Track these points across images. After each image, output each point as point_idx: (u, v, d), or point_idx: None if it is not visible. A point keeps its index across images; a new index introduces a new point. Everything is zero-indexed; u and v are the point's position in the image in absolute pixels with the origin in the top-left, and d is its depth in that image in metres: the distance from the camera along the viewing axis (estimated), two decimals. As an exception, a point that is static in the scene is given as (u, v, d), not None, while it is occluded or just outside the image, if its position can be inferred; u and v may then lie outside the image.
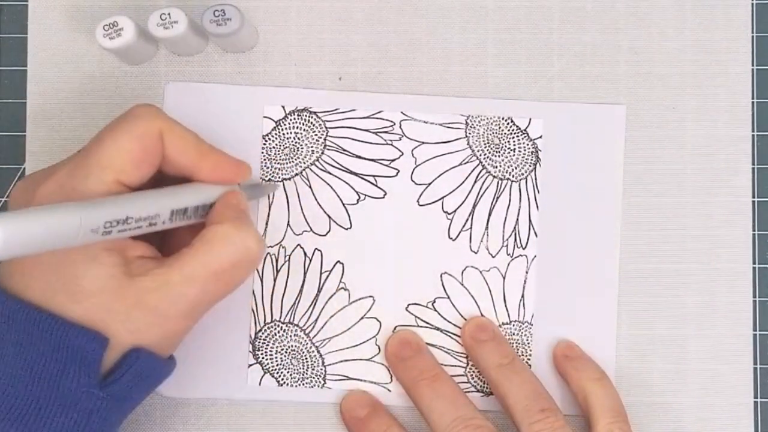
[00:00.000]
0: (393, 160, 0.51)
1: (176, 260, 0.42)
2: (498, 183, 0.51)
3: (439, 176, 0.51)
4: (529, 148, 0.51)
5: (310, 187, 0.51)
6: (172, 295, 0.42)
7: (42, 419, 0.41)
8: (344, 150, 0.51)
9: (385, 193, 0.51)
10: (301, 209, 0.51)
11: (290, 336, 0.51)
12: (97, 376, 0.42)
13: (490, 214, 0.51)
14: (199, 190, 0.45)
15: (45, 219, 0.37)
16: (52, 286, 0.41)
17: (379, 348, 0.51)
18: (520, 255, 0.51)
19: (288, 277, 0.51)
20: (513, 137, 0.51)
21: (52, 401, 0.41)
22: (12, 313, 0.41)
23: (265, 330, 0.51)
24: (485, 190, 0.51)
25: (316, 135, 0.51)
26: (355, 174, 0.51)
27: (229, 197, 0.45)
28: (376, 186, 0.51)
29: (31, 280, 0.42)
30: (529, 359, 0.51)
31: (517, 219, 0.51)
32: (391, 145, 0.51)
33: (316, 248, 0.51)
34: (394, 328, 0.51)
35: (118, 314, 0.42)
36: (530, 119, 0.51)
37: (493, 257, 0.51)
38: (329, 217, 0.51)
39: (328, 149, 0.51)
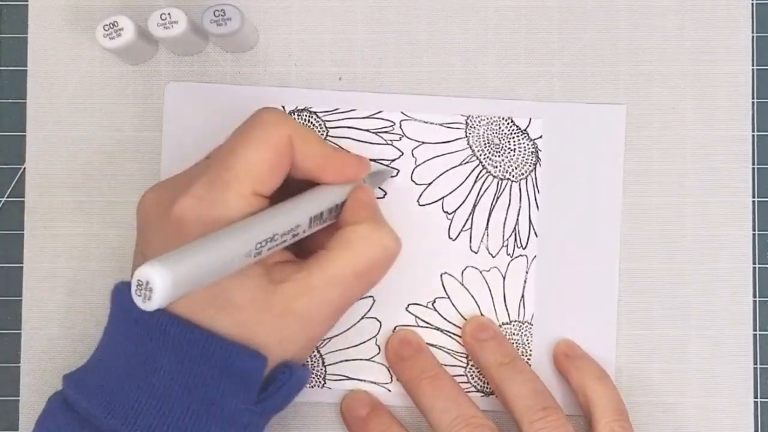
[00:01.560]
0: (393, 160, 0.51)
1: (316, 263, 0.43)
2: (498, 183, 0.51)
3: (439, 176, 0.51)
4: (529, 148, 0.51)
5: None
6: (316, 298, 0.42)
7: None
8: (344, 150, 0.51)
9: (385, 193, 0.51)
10: (301, 209, 0.51)
11: (290, 336, 0.51)
12: (255, 394, 0.42)
13: (490, 214, 0.51)
14: (330, 191, 0.45)
15: (203, 256, 0.37)
16: (200, 300, 0.41)
17: (379, 348, 0.51)
18: (520, 255, 0.51)
19: (288, 277, 0.51)
20: (513, 137, 0.51)
21: (211, 418, 0.41)
22: (167, 327, 0.41)
23: (265, 330, 0.51)
24: (485, 190, 0.51)
25: (316, 135, 0.51)
26: (355, 174, 0.51)
27: (360, 194, 0.46)
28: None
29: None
30: (529, 359, 0.51)
31: (517, 219, 0.51)
32: (391, 145, 0.51)
33: (316, 248, 0.51)
34: (394, 328, 0.51)
35: (267, 325, 0.42)
36: (530, 119, 0.51)
37: (493, 257, 0.51)
38: (329, 217, 0.51)
39: (328, 149, 0.51)
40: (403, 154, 0.51)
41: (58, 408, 0.42)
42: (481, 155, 0.51)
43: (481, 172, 0.51)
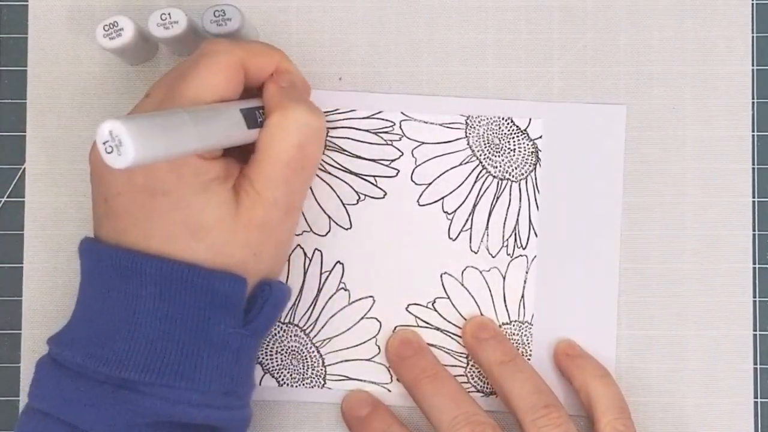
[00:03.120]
0: (393, 160, 0.51)
1: (251, 169, 0.44)
2: (498, 183, 0.51)
3: (439, 176, 0.51)
4: (529, 148, 0.51)
5: (310, 187, 0.51)
6: (266, 203, 0.43)
7: (197, 366, 0.42)
8: (344, 150, 0.51)
9: (385, 193, 0.51)
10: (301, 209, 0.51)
11: (290, 336, 0.51)
12: (241, 316, 0.43)
13: (490, 214, 0.51)
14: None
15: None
16: (173, 231, 0.42)
17: (379, 348, 0.51)
18: (520, 255, 0.51)
19: (288, 277, 0.51)
20: (513, 137, 0.51)
21: (204, 347, 0.42)
22: (143, 266, 0.42)
23: (265, 330, 0.51)
24: (485, 190, 0.51)
25: (316, 135, 0.51)
26: (355, 174, 0.51)
27: (268, 87, 0.46)
28: (376, 186, 0.51)
29: (151, 229, 0.42)
30: (529, 359, 0.51)
31: (517, 219, 0.51)
32: (391, 145, 0.51)
33: (316, 248, 0.51)
34: (394, 328, 0.51)
35: (239, 240, 0.43)
36: (530, 119, 0.51)
37: (493, 257, 0.51)
38: (329, 217, 0.51)
39: (328, 149, 0.51)
40: (403, 154, 0.51)
41: (48, 370, 0.43)
42: (481, 155, 0.51)
43: (481, 172, 0.51)
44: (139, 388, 0.41)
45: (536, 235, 0.51)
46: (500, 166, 0.51)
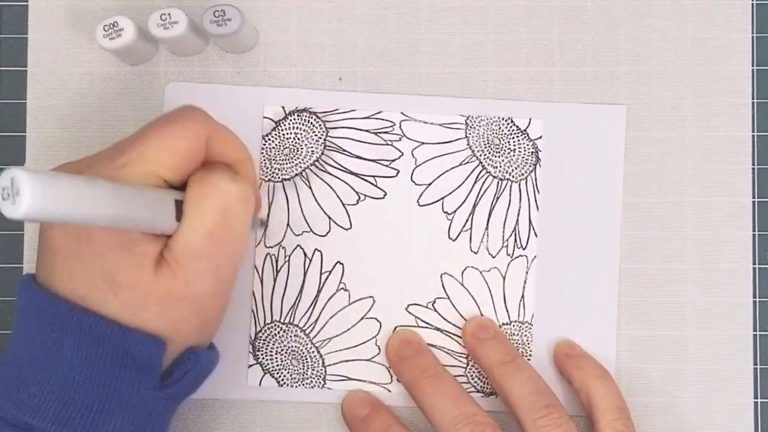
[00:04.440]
0: (393, 161, 0.51)
1: (174, 239, 0.42)
2: (498, 183, 0.51)
3: (439, 176, 0.51)
4: (529, 149, 0.51)
5: (309, 187, 0.51)
6: (188, 276, 0.42)
7: (107, 423, 0.41)
8: (344, 150, 0.51)
9: (385, 194, 0.51)
10: (301, 210, 0.51)
11: (290, 336, 0.51)
12: (156, 379, 0.42)
13: (490, 215, 0.51)
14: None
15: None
16: (93, 278, 0.41)
17: (379, 348, 0.51)
18: (520, 255, 0.51)
19: (288, 277, 0.51)
20: (513, 137, 0.51)
21: (114, 405, 0.41)
22: (64, 315, 0.41)
23: (265, 330, 0.51)
24: (485, 191, 0.51)
25: (316, 135, 0.51)
26: (355, 174, 0.51)
27: (193, 175, 0.44)
28: (376, 186, 0.51)
29: (75, 271, 0.41)
30: (529, 359, 0.51)
31: (517, 219, 0.51)
32: (391, 145, 0.51)
33: (316, 249, 0.51)
34: (394, 329, 0.51)
35: (153, 307, 0.41)
36: (530, 119, 0.51)
37: (493, 257, 0.51)
38: (329, 217, 0.51)
39: (328, 149, 0.51)
40: (403, 154, 0.51)
41: None
42: (481, 155, 0.51)
43: (481, 172, 0.51)
44: None
45: (536, 236, 0.51)
46: (500, 167, 0.51)
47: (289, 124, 0.51)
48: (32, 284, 0.43)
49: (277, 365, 0.51)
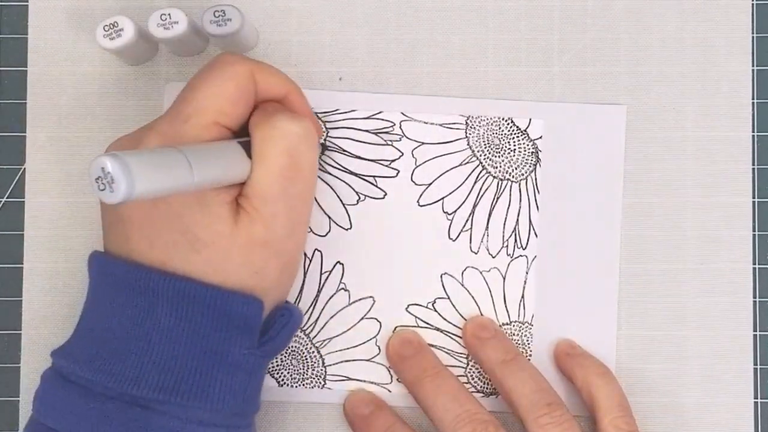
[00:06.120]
0: (393, 161, 0.51)
1: (247, 186, 0.43)
2: (498, 183, 0.51)
3: (439, 177, 0.51)
4: (529, 149, 0.51)
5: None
6: (266, 219, 0.43)
7: (212, 386, 0.42)
8: (344, 150, 0.51)
9: (385, 194, 0.51)
10: (301, 210, 0.51)
11: (290, 336, 0.51)
12: (256, 338, 0.43)
13: (490, 215, 0.51)
14: None
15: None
16: (173, 240, 0.42)
17: (379, 348, 0.51)
18: (520, 255, 0.51)
19: (288, 277, 0.51)
20: (513, 137, 0.51)
21: (218, 368, 0.42)
22: (157, 283, 0.41)
23: (266, 330, 0.51)
24: (485, 191, 0.51)
25: (316, 135, 0.51)
26: (355, 174, 0.51)
27: (255, 110, 0.45)
28: (376, 186, 0.51)
29: (153, 237, 0.42)
30: (529, 359, 0.51)
31: (517, 219, 0.51)
32: (391, 145, 0.51)
33: (316, 249, 0.51)
34: (394, 329, 0.51)
35: (237, 257, 0.42)
36: (530, 119, 0.51)
37: (493, 257, 0.51)
38: (329, 217, 0.51)
39: (328, 150, 0.51)
40: (403, 154, 0.51)
41: (54, 384, 0.42)
42: (481, 156, 0.51)
43: (481, 172, 0.51)
44: (151, 405, 0.41)
45: (536, 236, 0.51)
46: (500, 167, 0.51)
47: (289, 124, 0.51)
48: (109, 258, 0.43)
49: (277, 365, 0.51)
